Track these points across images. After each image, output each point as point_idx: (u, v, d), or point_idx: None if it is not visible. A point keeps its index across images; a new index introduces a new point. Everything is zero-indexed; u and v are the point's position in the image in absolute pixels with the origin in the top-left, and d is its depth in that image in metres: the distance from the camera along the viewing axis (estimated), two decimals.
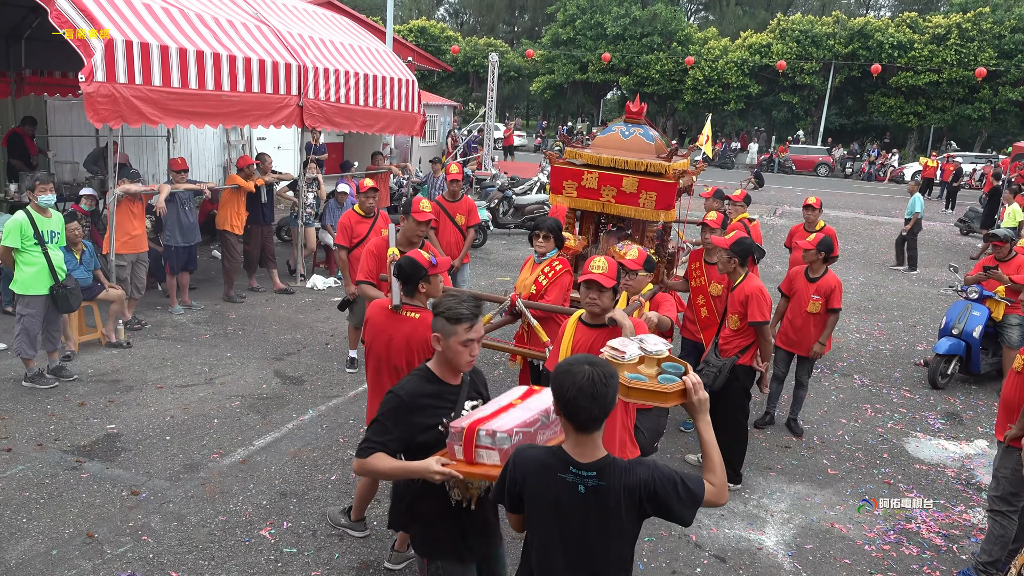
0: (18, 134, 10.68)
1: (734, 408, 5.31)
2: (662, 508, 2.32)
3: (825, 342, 6.19)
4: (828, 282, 6.16)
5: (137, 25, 7.43)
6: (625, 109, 6.16)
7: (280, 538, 4.39)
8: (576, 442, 2.30)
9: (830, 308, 6.14)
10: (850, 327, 9.74)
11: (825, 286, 6.15)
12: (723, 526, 4.86)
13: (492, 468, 2.59)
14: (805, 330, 6.23)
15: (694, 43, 41.91)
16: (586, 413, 2.22)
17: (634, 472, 2.30)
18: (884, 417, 6.86)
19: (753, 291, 5.18)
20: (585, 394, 2.20)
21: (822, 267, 6.21)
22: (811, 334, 6.21)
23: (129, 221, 7.68)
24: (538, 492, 2.34)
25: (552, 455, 2.34)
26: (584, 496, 2.28)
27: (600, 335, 3.70)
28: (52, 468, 5.00)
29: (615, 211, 5.83)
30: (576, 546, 2.34)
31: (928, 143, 40.66)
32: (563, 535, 2.34)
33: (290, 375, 6.95)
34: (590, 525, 2.32)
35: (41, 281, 6.19)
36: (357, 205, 7.20)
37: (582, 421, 2.25)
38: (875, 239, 17.25)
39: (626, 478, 2.29)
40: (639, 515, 2.34)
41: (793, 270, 6.50)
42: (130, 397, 6.22)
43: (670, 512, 2.33)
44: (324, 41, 10.12)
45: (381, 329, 3.92)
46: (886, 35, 36.87)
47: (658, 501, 2.30)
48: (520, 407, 2.77)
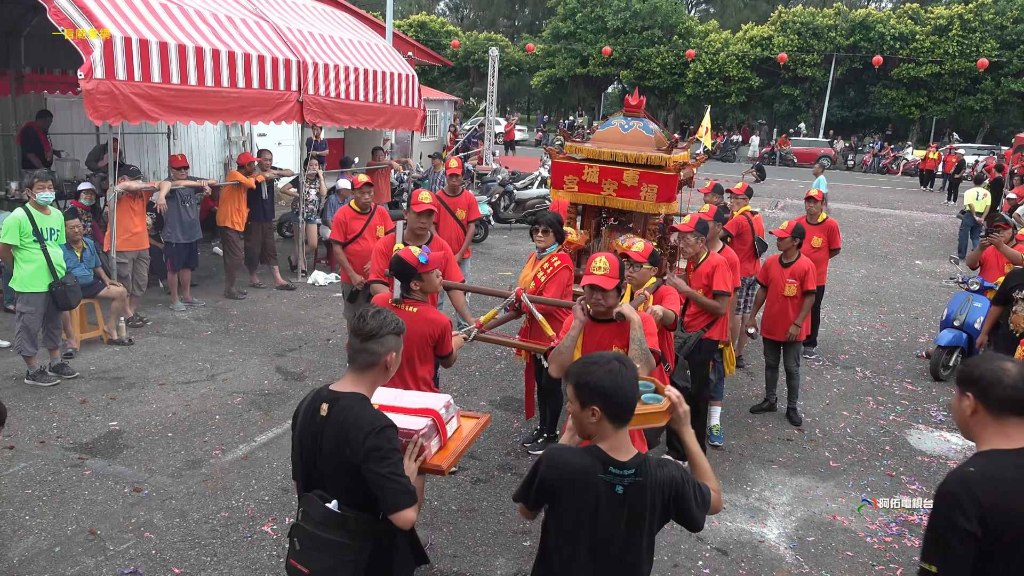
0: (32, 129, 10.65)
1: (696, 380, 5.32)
2: (683, 510, 2.28)
3: (801, 324, 6.31)
4: (801, 265, 6.34)
5: (136, 22, 7.42)
6: (624, 103, 6.15)
7: (282, 534, 4.38)
8: (616, 440, 2.25)
9: (805, 291, 6.30)
10: (852, 319, 9.73)
11: (799, 269, 6.32)
12: (725, 519, 4.85)
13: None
14: (783, 314, 6.34)
15: (695, 36, 41.80)
16: (632, 405, 2.23)
17: (666, 469, 2.27)
18: (886, 409, 6.85)
19: (720, 262, 5.32)
20: (631, 386, 2.21)
21: (795, 253, 6.39)
22: (789, 318, 6.34)
23: (130, 218, 7.68)
24: (576, 497, 2.25)
25: (591, 456, 2.26)
26: (622, 497, 2.23)
27: (609, 330, 3.68)
28: (54, 465, 5.01)
29: (616, 205, 5.82)
30: (606, 547, 2.28)
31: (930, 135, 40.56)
32: (594, 537, 2.27)
33: (292, 371, 6.95)
34: (623, 525, 2.26)
35: (40, 278, 6.19)
36: (353, 201, 7.19)
37: (629, 414, 2.23)
38: (877, 231, 17.21)
39: (660, 474, 2.25)
40: (664, 515, 2.30)
41: (768, 259, 6.62)
42: (132, 394, 6.22)
43: (689, 515, 2.29)
44: (324, 37, 10.10)
45: None
46: (887, 27, 36.76)
47: (681, 502, 2.27)
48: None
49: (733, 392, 6.86)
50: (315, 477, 2.57)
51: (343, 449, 2.44)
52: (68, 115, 11.83)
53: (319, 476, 2.55)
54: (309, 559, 2.53)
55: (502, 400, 6.50)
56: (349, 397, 2.52)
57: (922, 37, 36.37)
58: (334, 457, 2.48)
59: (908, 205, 22.22)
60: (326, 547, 2.50)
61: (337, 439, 2.46)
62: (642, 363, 3.49)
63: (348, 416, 2.47)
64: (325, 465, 2.52)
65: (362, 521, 2.51)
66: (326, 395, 2.56)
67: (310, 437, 2.55)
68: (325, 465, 2.52)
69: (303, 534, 2.55)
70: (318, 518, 2.51)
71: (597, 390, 2.19)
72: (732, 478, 5.40)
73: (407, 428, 2.76)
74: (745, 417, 6.49)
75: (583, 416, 2.25)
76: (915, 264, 13.67)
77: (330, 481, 2.53)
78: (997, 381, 2.15)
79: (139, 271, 7.87)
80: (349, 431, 2.44)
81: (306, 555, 2.53)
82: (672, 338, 4.74)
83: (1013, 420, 2.15)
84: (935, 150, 27.93)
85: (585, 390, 2.22)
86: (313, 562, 2.52)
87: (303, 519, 2.57)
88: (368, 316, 2.59)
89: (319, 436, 2.51)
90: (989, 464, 2.15)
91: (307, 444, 2.57)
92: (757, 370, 7.49)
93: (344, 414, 2.47)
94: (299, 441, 2.61)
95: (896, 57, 36.53)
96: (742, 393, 7.00)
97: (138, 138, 11.60)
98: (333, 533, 2.49)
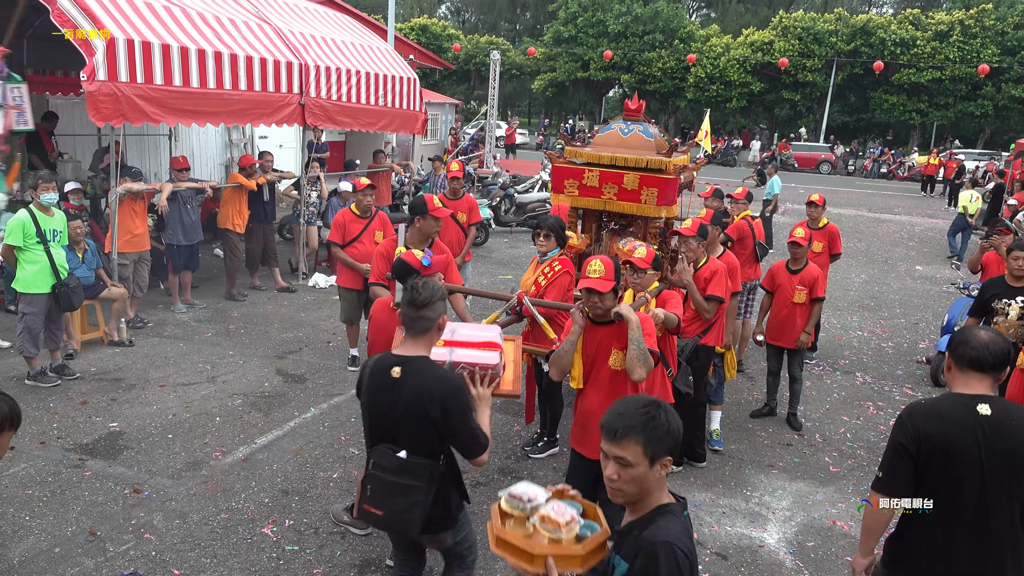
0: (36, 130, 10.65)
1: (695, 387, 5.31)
2: None
3: (811, 331, 6.33)
4: (811, 272, 6.35)
5: (139, 24, 7.44)
6: (624, 107, 6.16)
7: (282, 536, 4.39)
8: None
9: (814, 298, 6.31)
10: (852, 324, 9.73)
11: (808, 276, 6.33)
12: (724, 523, 4.86)
13: None
14: (791, 321, 6.34)
15: (696, 40, 41.82)
16: None
17: None
18: (886, 415, 6.85)
19: (719, 267, 5.34)
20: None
21: (804, 259, 6.41)
22: (797, 325, 6.33)
23: (131, 220, 7.70)
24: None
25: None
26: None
27: (608, 331, 3.70)
28: (55, 466, 5.01)
29: (617, 209, 5.82)
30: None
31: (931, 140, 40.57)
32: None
33: (292, 373, 6.95)
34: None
35: (43, 279, 6.20)
36: (353, 204, 7.20)
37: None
38: (877, 236, 17.23)
39: None
40: None
41: (774, 265, 6.61)
42: (132, 395, 6.23)
43: None
44: (326, 39, 10.12)
45: (382, 327, 3.93)
46: (888, 32, 36.78)
47: None
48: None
49: (733, 396, 6.87)
50: (384, 431, 2.94)
51: (422, 404, 2.82)
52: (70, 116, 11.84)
53: (389, 430, 2.92)
54: (382, 502, 2.91)
55: (502, 403, 6.50)
56: (418, 360, 2.90)
57: (923, 43, 36.39)
58: (412, 412, 2.84)
59: (908, 210, 22.24)
60: (399, 491, 2.88)
61: (417, 396, 2.83)
62: (640, 363, 3.50)
63: (425, 376, 2.85)
64: (399, 420, 2.87)
65: (427, 467, 2.89)
66: (393, 360, 2.92)
67: (383, 396, 2.90)
68: (399, 420, 2.87)
69: (376, 481, 2.92)
70: (390, 466, 2.89)
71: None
72: (732, 483, 5.41)
73: (485, 363, 3.16)
74: (745, 422, 6.50)
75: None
76: (915, 269, 13.68)
77: (401, 434, 2.90)
78: (965, 343, 2.74)
79: (140, 272, 7.89)
80: (430, 389, 2.81)
81: (379, 499, 2.91)
82: (675, 342, 4.75)
83: (973, 374, 2.72)
84: (936, 155, 27.96)
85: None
86: (386, 505, 2.90)
87: (374, 469, 2.93)
88: (419, 287, 2.92)
89: (393, 395, 2.87)
90: (939, 401, 2.79)
91: (379, 402, 2.93)
92: (757, 375, 7.49)
93: (420, 375, 2.85)
94: (369, 400, 2.98)
95: (897, 62, 36.55)
96: (742, 398, 7.01)
97: (139, 140, 11.63)
98: (405, 478, 2.87)
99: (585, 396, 3.81)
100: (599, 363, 3.72)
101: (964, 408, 2.67)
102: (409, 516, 2.88)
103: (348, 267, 6.88)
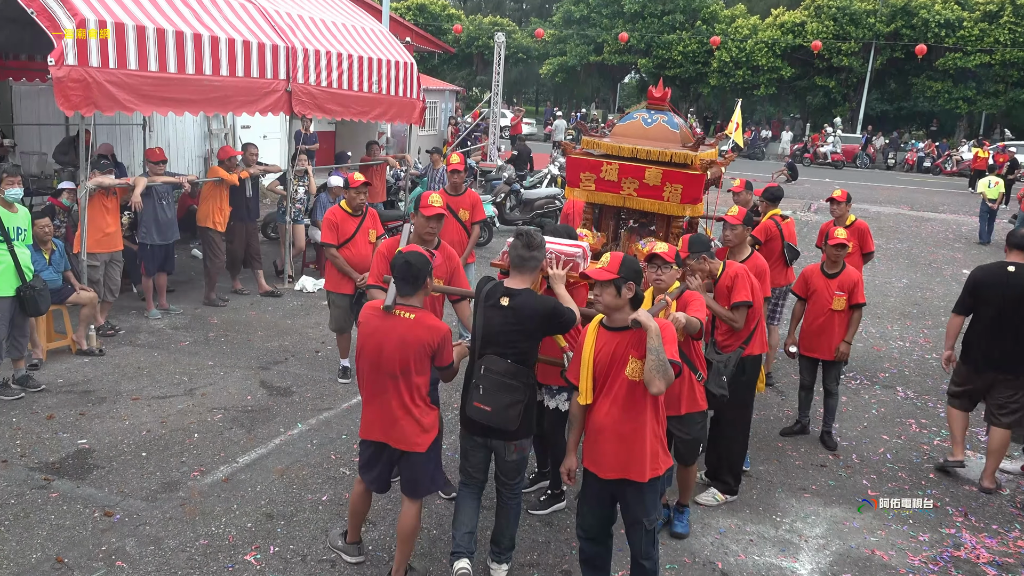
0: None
1: (740, 404, 5.31)
2: None
3: (851, 341, 6.29)
4: (850, 276, 6.29)
5: (112, 4, 7.49)
6: (647, 94, 6.18)
7: (266, 564, 4.40)
8: None
9: (854, 304, 6.25)
10: (892, 334, 9.72)
11: (847, 280, 6.28)
12: (752, 552, 4.86)
13: None
14: (828, 330, 6.30)
15: (720, 21, 41.90)
16: None
17: None
18: (930, 433, 6.84)
19: (740, 270, 5.18)
20: None
21: (841, 262, 6.34)
22: (835, 334, 6.29)
23: (102, 217, 7.72)
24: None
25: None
26: None
27: (624, 338, 3.70)
28: (18, 487, 5.04)
29: (637, 205, 5.83)
30: None
31: (979, 131, 40.49)
32: None
33: (277, 385, 6.98)
34: None
35: (7, 281, 6.22)
36: (344, 201, 7.22)
37: None
38: (920, 237, 17.20)
39: None
40: None
41: (807, 268, 6.57)
42: (103, 409, 6.26)
43: None
44: (315, 20, 10.17)
45: (371, 333, 3.96)
46: (932, 12, 36.76)
47: None
48: None
49: (762, 413, 6.86)
50: (491, 343, 4.03)
51: (531, 322, 4.00)
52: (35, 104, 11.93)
53: (497, 343, 4.02)
54: (492, 399, 3.94)
55: None
56: (525, 292, 4.06)
57: (970, 24, 36.36)
58: (519, 327, 4.00)
59: (954, 208, 22.18)
60: (507, 390, 3.94)
61: (526, 316, 3.99)
62: (660, 375, 3.50)
63: (533, 301, 4.03)
64: (508, 334, 4.00)
65: (527, 373, 4.05)
66: (503, 290, 4.06)
67: (496, 316, 4.03)
68: (508, 334, 4.00)
69: (488, 381, 3.95)
70: (501, 370, 3.95)
71: None
72: (760, 507, 5.41)
73: (570, 252, 4.56)
74: (775, 440, 6.50)
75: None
76: (962, 273, 13.63)
77: (507, 345, 4.00)
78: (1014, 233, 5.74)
79: (111, 275, 7.91)
80: (536, 310, 4.01)
81: (489, 396, 3.95)
82: (699, 346, 4.75)
83: (1015, 252, 5.65)
84: (986, 148, 27.88)
85: None
86: (495, 401, 3.93)
87: (486, 372, 3.97)
88: (531, 232, 4.15)
89: (505, 316, 4.00)
90: (990, 263, 5.88)
91: (492, 319, 4.04)
92: (788, 388, 7.49)
93: (528, 301, 4.02)
94: (483, 318, 4.10)
95: (942, 46, 36.53)
96: (771, 414, 7.01)
97: (111, 130, 11.69)
98: (512, 379, 3.95)
99: (598, 409, 3.81)
100: (615, 373, 3.73)
101: (1000, 266, 5.68)
102: (513, 411, 3.92)
103: (343, 273, 6.88)
